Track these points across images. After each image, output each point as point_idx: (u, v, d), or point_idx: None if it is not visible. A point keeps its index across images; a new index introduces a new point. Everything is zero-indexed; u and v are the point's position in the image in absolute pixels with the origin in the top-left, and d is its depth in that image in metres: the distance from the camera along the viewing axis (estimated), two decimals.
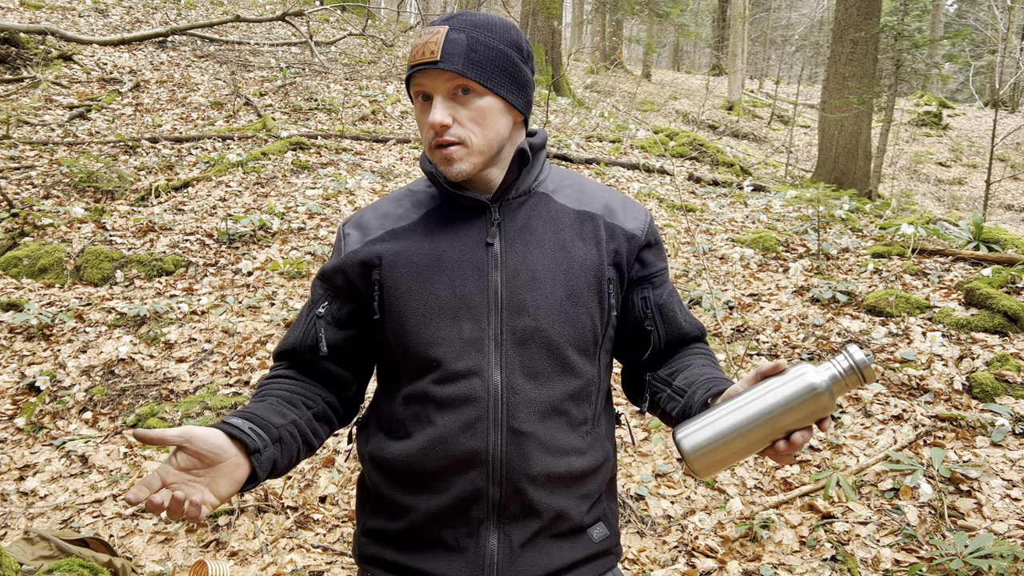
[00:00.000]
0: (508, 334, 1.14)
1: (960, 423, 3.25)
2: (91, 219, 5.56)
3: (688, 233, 5.92)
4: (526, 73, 1.19)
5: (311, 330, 1.25)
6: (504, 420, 1.12)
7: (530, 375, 1.14)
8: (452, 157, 1.13)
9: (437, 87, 1.12)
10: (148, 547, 2.84)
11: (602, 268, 1.19)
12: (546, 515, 1.16)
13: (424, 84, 1.13)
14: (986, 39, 22.94)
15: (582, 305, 1.17)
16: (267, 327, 4.34)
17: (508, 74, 1.15)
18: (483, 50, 1.12)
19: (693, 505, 3.05)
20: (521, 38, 1.19)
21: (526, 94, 1.19)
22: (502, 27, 1.16)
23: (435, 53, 1.10)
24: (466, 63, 1.10)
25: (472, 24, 1.13)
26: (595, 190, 1.28)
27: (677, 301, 1.30)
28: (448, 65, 1.09)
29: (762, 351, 4.01)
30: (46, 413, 3.68)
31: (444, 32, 1.11)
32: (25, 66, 8.39)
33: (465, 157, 1.14)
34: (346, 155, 7.20)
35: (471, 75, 1.10)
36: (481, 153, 1.15)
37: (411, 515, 1.17)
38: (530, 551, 1.15)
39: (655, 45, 24.24)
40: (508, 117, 1.17)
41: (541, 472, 1.14)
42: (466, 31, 1.12)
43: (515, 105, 1.17)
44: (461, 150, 1.13)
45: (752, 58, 28.17)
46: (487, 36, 1.13)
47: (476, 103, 1.13)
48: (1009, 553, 2.34)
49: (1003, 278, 4.21)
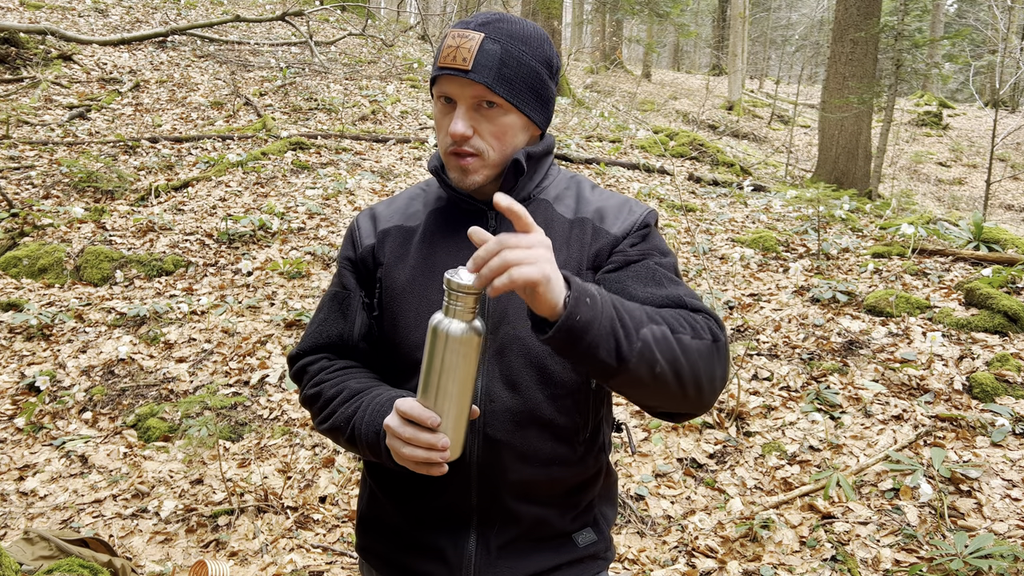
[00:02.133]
0: (490, 342, 1.14)
1: (960, 423, 3.25)
2: (91, 219, 5.56)
3: (688, 233, 5.92)
4: (552, 89, 1.17)
5: (353, 316, 1.24)
6: (481, 428, 1.13)
7: (508, 384, 1.14)
8: (468, 168, 1.13)
9: (463, 96, 1.10)
10: (148, 547, 2.84)
11: (581, 273, 1.18)
12: (525, 522, 1.17)
13: (450, 89, 1.11)
14: (986, 39, 22.94)
15: None
16: (267, 327, 4.34)
17: (535, 92, 1.13)
18: (515, 65, 1.10)
19: (693, 505, 3.05)
20: (553, 53, 1.17)
21: (548, 110, 1.18)
22: (536, 41, 1.13)
23: (467, 61, 1.07)
24: (497, 78, 1.08)
25: (509, 35, 1.10)
26: (594, 197, 1.25)
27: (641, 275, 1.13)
28: (479, 77, 1.07)
29: (762, 351, 4.00)
30: (46, 413, 3.68)
31: (479, 40, 1.08)
32: (25, 66, 8.39)
33: (480, 169, 1.13)
34: (346, 155, 7.20)
35: (500, 91, 1.08)
36: (496, 166, 1.15)
37: (397, 514, 1.21)
38: (509, 555, 1.16)
39: (655, 45, 24.25)
40: (527, 133, 1.17)
41: (517, 480, 1.14)
42: (502, 42, 1.09)
43: (536, 122, 1.16)
44: (477, 162, 1.13)
45: (752, 58, 28.17)
46: (521, 51, 1.11)
47: (500, 119, 1.11)
48: (1009, 553, 2.34)
49: (1003, 278, 4.21)
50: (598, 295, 0.92)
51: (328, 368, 1.23)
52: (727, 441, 3.39)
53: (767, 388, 3.70)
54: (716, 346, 1.03)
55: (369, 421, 1.09)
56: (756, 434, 3.41)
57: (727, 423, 3.50)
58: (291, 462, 3.32)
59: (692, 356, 0.99)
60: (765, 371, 3.82)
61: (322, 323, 1.26)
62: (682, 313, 1.04)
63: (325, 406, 1.18)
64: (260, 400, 3.78)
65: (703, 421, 3.52)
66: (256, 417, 3.66)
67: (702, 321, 1.05)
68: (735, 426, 3.49)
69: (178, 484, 3.20)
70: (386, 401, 1.10)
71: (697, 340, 1.00)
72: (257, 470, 3.27)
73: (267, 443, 3.48)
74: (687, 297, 1.09)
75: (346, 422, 1.13)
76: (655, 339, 0.95)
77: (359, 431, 1.11)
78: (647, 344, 0.94)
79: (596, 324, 0.89)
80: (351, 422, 1.12)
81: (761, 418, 3.50)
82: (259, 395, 3.82)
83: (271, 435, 3.53)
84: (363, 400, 1.13)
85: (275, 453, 3.41)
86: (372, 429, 1.09)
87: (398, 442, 1.00)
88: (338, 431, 1.15)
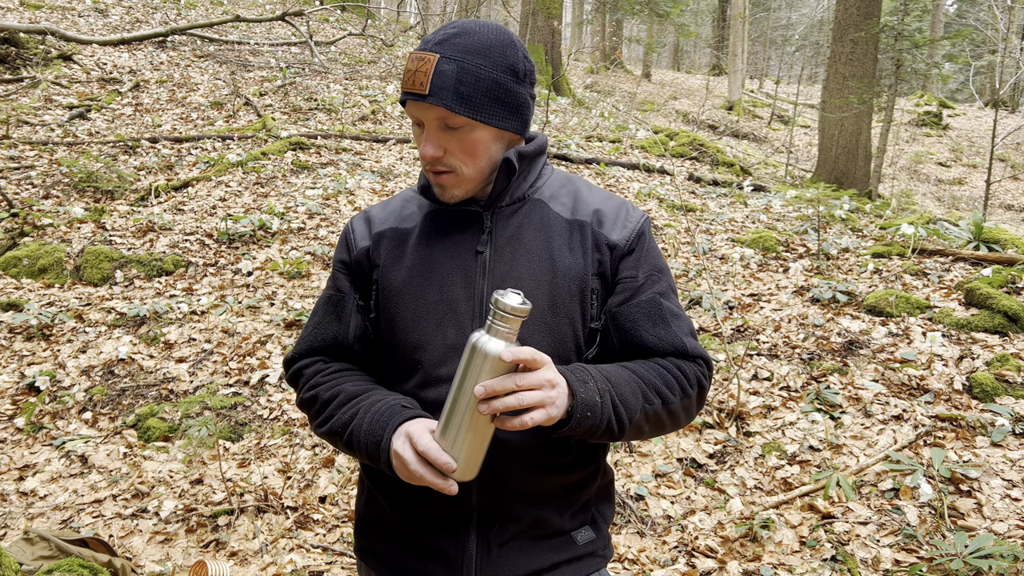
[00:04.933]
0: None
1: (960, 423, 3.25)
2: (91, 219, 5.56)
3: (688, 233, 5.92)
4: (522, 96, 1.16)
5: (348, 319, 1.24)
6: None
7: None
8: (444, 184, 1.15)
9: (427, 118, 1.12)
10: (148, 547, 2.84)
11: (586, 278, 1.19)
12: (524, 520, 1.17)
13: (415, 112, 1.13)
14: (986, 39, 22.94)
15: (564, 315, 1.17)
16: (267, 327, 4.34)
17: (501, 102, 1.12)
18: (473, 82, 1.09)
19: (693, 505, 3.05)
20: (518, 58, 1.14)
21: (521, 116, 1.17)
22: (498, 49, 1.12)
23: (424, 86, 1.08)
24: (455, 97, 1.08)
25: (465, 50, 1.09)
26: (591, 197, 1.26)
27: (650, 314, 1.19)
28: (436, 100, 1.08)
29: (762, 351, 4.00)
30: (46, 413, 3.68)
31: (434, 62, 1.08)
32: (25, 66, 8.39)
33: (457, 184, 1.15)
34: (346, 155, 7.20)
35: (459, 110, 1.08)
36: (472, 180, 1.16)
37: (396, 514, 1.21)
38: (509, 552, 1.17)
39: (655, 45, 24.24)
40: (501, 142, 1.17)
41: (517, 480, 1.15)
42: (457, 60, 1.09)
43: (509, 130, 1.16)
44: (452, 178, 1.14)
45: (752, 58, 28.17)
46: (478, 65, 1.09)
47: (467, 136, 1.12)
48: (1009, 553, 2.34)
49: (1003, 278, 4.21)
50: (599, 403, 1.06)
51: (323, 371, 1.23)
52: (727, 441, 3.39)
53: (767, 388, 3.70)
54: (700, 393, 1.20)
55: (368, 430, 1.10)
56: (756, 434, 3.41)
57: (727, 423, 3.50)
58: (291, 462, 3.33)
59: (676, 414, 1.17)
60: (765, 371, 3.82)
61: (317, 326, 1.26)
62: (680, 369, 1.18)
63: (322, 410, 1.18)
64: (260, 400, 3.78)
65: (703, 421, 3.52)
66: (256, 417, 3.66)
67: (694, 374, 1.19)
68: (735, 426, 3.49)
69: (178, 484, 3.20)
70: (386, 409, 1.10)
71: (684, 399, 1.17)
72: (257, 470, 3.27)
73: (267, 443, 3.48)
74: (686, 337, 1.20)
75: (343, 427, 1.13)
76: (647, 418, 1.12)
77: (357, 438, 1.11)
78: (638, 425, 1.12)
79: (596, 427, 1.06)
80: (348, 428, 1.13)
81: (761, 418, 3.51)
82: (259, 395, 3.82)
83: (271, 435, 3.53)
84: (360, 406, 1.14)
85: (275, 453, 3.41)
86: (372, 439, 1.09)
87: (405, 471, 1.04)
88: (336, 435, 1.15)
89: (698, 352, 1.20)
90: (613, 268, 1.21)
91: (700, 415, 3.57)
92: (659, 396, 1.13)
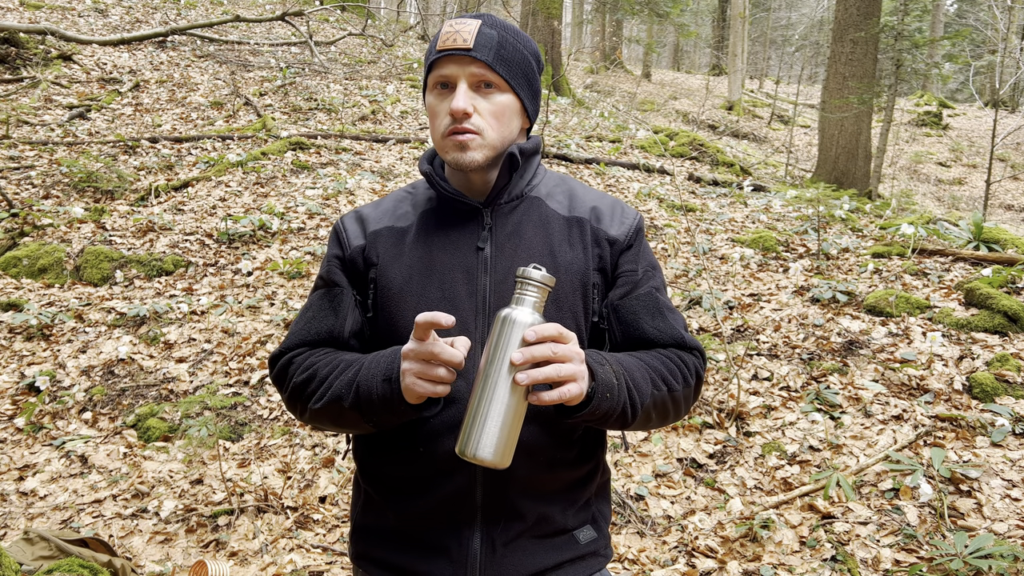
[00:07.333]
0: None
1: (960, 423, 3.25)
2: (91, 219, 5.56)
3: (688, 233, 5.92)
4: (539, 84, 1.24)
5: (344, 313, 1.22)
6: None
7: None
8: (467, 144, 1.15)
9: (463, 74, 1.14)
10: (148, 547, 2.84)
11: (587, 273, 1.20)
12: (529, 518, 1.17)
13: (450, 70, 1.15)
14: (986, 39, 22.94)
15: (567, 310, 1.18)
16: (267, 327, 4.34)
17: (528, 79, 1.20)
18: (511, 51, 1.17)
19: (693, 505, 3.05)
20: (539, 52, 1.24)
21: (537, 103, 1.25)
22: (525, 36, 1.22)
23: (468, 42, 1.13)
24: (497, 57, 1.14)
25: (502, 26, 1.19)
26: (586, 195, 1.29)
27: (649, 307, 1.22)
28: (480, 55, 1.13)
29: (762, 351, 4.00)
30: (46, 413, 3.68)
31: (477, 25, 1.15)
32: (25, 66, 8.39)
33: (479, 147, 1.16)
34: (346, 155, 7.20)
35: (500, 70, 1.15)
36: (493, 148, 1.17)
37: (398, 514, 1.20)
38: (513, 551, 1.17)
39: (655, 45, 24.25)
40: (520, 120, 1.22)
41: (522, 476, 1.15)
42: (497, 30, 1.17)
43: (528, 110, 1.22)
44: (477, 139, 1.15)
45: (752, 58, 28.18)
46: (515, 39, 1.18)
47: (498, 98, 1.16)
48: (1009, 553, 2.34)
49: (1003, 278, 4.21)
50: (616, 385, 1.07)
51: (317, 352, 1.20)
52: (727, 441, 3.39)
53: (767, 388, 3.71)
54: (698, 383, 1.24)
55: (374, 373, 1.07)
56: (756, 434, 3.41)
57: (727, 423, 3.50)
58: (291, 462, 3.33)
59: (679, 402, 1.20)
60: (765, 371, 3.82)
61: (311, 320, 1.23)
62: (680, 359, 1.21)
63: (321, 383, 1.14)
64: (260, 400, 3.78)
65: (703, 421, 3.52)
66: (256, 417, 3.66)
67: (692, 364, 1.23)
68: (735, 426, 3.49)
69: (178, 484, 3.20)
70: (390, 352, 1.09)
71: (686, 388, 1.20)
72: (257, 470, 3.27)
73: (267, 443, 3.48)
74: (683, 331, 1.25)
75: (348, 385, 1.09)
76: (655, 404, 1.15)
77: (364, 386, 1.07)
78: (647, 411, 1.14)
79: (613, 410, 1.07)
80: (354, 383, 1.09)
81: (761, 418, 3.51)
82: (259, 395, 3.82)
83: (271, 435, 3.53)
84: (364, 360, 1.11)
85: (275, 453, 3.41)
86: (380, 376, 1.06)
87: (418, 362, 1.00)
88: (339, 400, 1.10)
89: (694, 344, 1.25)
90: (613, 262, 1.24)
91: (700, 415, 3.57)
92: (665, 383, 1.16)
